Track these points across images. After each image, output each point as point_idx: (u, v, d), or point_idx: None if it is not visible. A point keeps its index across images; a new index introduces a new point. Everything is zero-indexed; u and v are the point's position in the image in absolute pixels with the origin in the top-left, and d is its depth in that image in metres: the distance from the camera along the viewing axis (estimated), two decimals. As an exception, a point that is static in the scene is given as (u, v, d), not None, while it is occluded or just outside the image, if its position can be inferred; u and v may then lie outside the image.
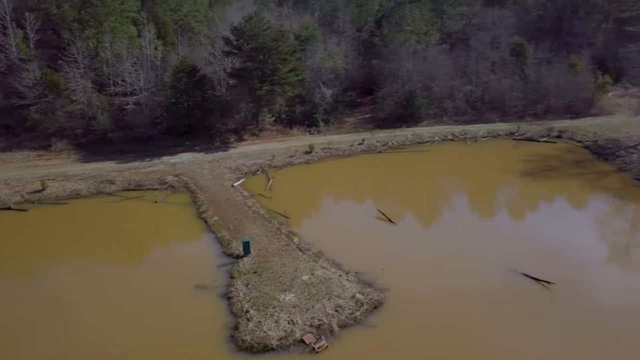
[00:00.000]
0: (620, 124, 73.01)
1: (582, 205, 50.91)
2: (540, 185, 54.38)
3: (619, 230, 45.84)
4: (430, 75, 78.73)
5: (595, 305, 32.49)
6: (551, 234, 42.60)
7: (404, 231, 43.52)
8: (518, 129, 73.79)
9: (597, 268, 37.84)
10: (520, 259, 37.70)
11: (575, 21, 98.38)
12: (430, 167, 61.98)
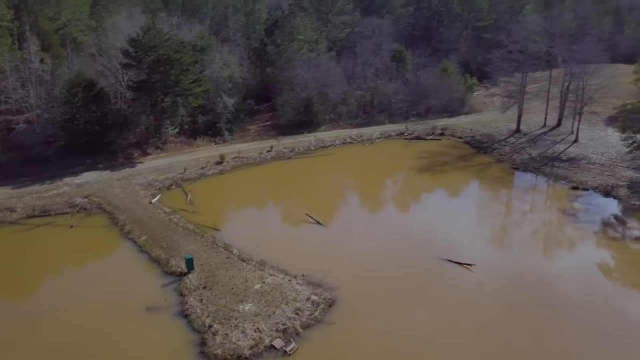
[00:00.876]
0: (489, 120, 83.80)
1: (479, 194, 58.48)
2: (439, 178, 61.02)
3: (516, 212, 53.68)
4: (324, 82, 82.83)
5: (511, 278, 38.33)
6: (460, 221, 48.62)
7: (335, 231, 46.41)
8: (406, 129, 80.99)
9: (506, 248, 44.29)
10: (441, 245, 42.68)
11: (441, 29, 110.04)
12: (340, 168, 65.89)
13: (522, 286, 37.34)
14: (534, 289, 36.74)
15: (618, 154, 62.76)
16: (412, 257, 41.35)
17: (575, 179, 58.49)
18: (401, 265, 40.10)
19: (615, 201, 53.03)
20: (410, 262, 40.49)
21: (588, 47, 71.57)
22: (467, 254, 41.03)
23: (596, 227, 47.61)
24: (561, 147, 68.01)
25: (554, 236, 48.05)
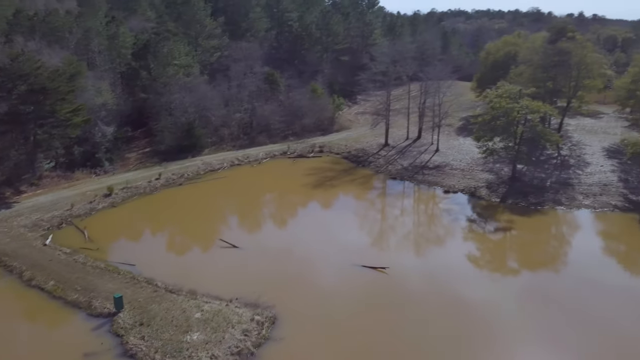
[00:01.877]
0: (359, 136, 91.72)
1: (371, 203, 64.34)
2: (332, 192, 65.83)
3: (408, 216, 60.29)
4: (203, 106, 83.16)
5: (424, 277, 43.90)
6: (364, 228, 53.59)
7: (252, 251, 47.81)
8: (289, 148, 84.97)
9: (409, 249, 50.09)
10: (354, 253, 46.89)
11: (303, 52, 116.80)
12: (237, 190, 67.02)
13: (435, 284, 43.07)
14: (445, 285, 42.72)
15: (473, 160, 73.93)
16: (331, 266, 44.83)
17: (445, 183, 67.70)
18: (324, 274, 43.33)
19: (479, 200, 62.72)
20: (332, 271, 43.92)
21: (439, 68, 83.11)
22: (378, 258, 45.80)
23: (465, 223, 55.99)
24: (426, 156, 77.69)
25: (446, 234, 55.23)
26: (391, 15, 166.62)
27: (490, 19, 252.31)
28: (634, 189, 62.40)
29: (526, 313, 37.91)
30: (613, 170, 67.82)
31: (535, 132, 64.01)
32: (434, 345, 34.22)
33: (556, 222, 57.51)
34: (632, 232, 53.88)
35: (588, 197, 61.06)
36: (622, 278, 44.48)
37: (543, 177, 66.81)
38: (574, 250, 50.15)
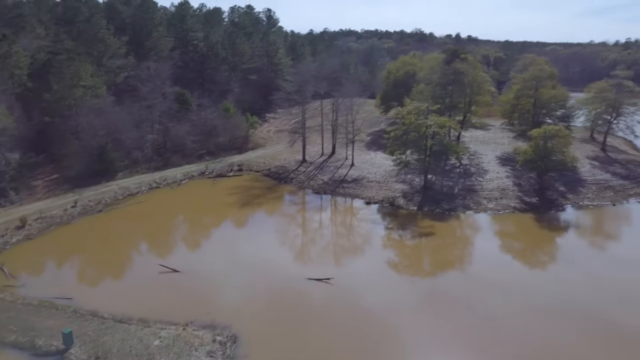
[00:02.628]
0: (276, 154, 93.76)
1: (302, 217, 66.36)
2: (261, 210, 66.97)
3: (339, 228, 63.04)
4: (115, 128, 79.99)
5: (364, 285, 46.79)
6: (300, 241, 55.50)
7: (194, 274, 47.53)
8: (207, 168, 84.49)
9: (342, 260, 52.83)
10: (296, 266, 48.69)
11: (210, 71, 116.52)
12: (163, 213, 65.58)
13: (374, 291, 46.15)
14: (386, 289, 45.98)
15: (386, 172, 79.24)
16: (277, 281, 46.16)
17: (365, 195, 71.93)
18: (272, 289, 44.55)
19: (399, 209, 67.58)
20: (279, 286, 45.24)
21: (349, 86, 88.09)
22: (320, 269, 48.04)
23: (387, 232, 60.33)
24: (343, 171, 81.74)
25: (376, 243, 58.71)
26: (292, 34, 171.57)
27: (380, 39, 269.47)
28: (527, 192, 71.28)
29: (437, 312, 41.84)
30: (508, 176, 76.78)
31: (442, 145, 70.72)
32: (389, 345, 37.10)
33: (467, 225, 63.84)
34: (530, 230, 61.62)
35: (491, 201, 68.68)
36: (519, 274, 49.89)
37: (451, 185, 73.73)
38: (480, 250, 55.46)
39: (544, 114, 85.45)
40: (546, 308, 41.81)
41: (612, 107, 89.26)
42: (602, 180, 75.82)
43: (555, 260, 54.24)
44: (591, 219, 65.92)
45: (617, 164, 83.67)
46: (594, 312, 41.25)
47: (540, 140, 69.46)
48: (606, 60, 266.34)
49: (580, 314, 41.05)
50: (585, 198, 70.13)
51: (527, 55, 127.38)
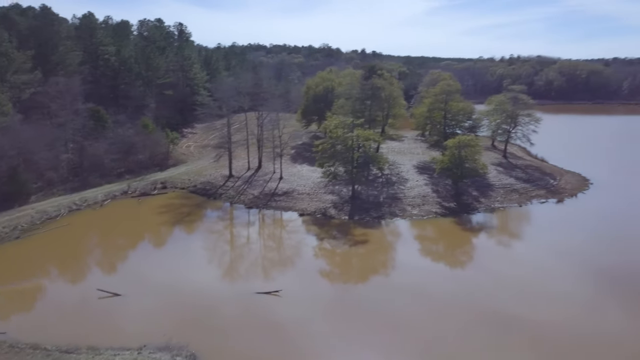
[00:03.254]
0: (200, 169, 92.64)
1: (238, 233, 66.23)
2: (194, 227, 66.15)
3: (276, 241, 63.76)
4: (26, 148, 74.75)
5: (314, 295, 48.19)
6: (241, 257, 55.69)
7: (137, 296, 46.10)
8: (129, 187, 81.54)
9: (287, 271, 53.90)
10: (241, 281, 49.01)
11: (123, 87, 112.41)
12: (90, 236, 62.54)
13: (325, 299, 47.77)
14: (344, 296, 47.76)
15: (315, 184, 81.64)
16: (224, 296, 46.28)
17: (298, 207, 73.59)
18: (221, 305, 44.57)
19: (331, 219, 69.96)
20: (227, 301, 45.36)
21: (274, 101, 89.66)
22: (266, 283, 48.83)
23: (322, 242, 62.40)
24: (273, 184, 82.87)
25: (313, 253, 60.38)
26: (206, 49, 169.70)
27: (289, 54, 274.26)
28: (445, 198, 77.03)
29: (353, 317, 44.47)
30: (426, 183, 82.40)
31: (368, 156, 74.52)
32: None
33: (394, 231, 67.23)
34: (451, 233, 66.60)
35: (415, 207, 73.41)
36: (439, 276, 53.54)
37: (376, 194, 77.67)
38: (405, 254, 58.17)
39: (454, 125, 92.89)
40: (451, 306, 44.76)
41: (510, 118, 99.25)
42: (507, 184, 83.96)
43: (471, 261, 58.31)
44: (502, 220, 72.57)
45: (518, 169, 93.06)
46: (496, 309, 44.11)
47: (455, 149, 75.62)
48: (495, 74, 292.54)
49: (482, 310, 43.85)
50: (496, 201, 77.31)
51: (432, 71, 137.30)
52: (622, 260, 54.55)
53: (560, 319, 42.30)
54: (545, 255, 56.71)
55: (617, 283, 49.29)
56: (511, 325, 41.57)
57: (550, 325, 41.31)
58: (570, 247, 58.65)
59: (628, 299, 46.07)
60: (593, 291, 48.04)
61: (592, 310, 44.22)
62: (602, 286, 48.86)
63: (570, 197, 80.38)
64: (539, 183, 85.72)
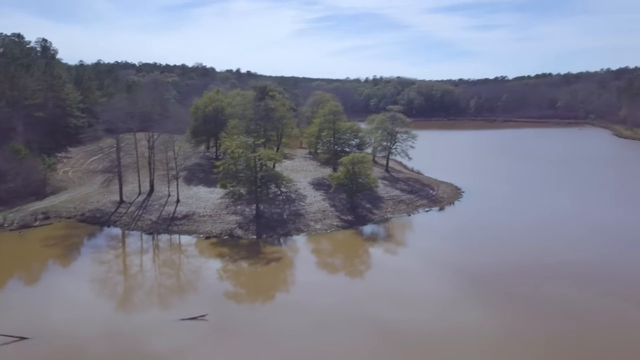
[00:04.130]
0: (85, 196, 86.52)
1: (142, 259, 63.18)
2: (94, 258, 61.82)
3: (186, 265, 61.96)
4: None
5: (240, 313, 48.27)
6: (156, 284, 53.67)
7: (48, 338, 42.36)
8: (4, 219, 73.64)
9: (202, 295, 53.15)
10: (167, 308, 47.56)
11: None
12: None
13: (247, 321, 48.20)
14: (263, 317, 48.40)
15: (215, 205, 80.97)
16: (147, 326, 44.58)
17: (202, 230, 72.53)
18: (147, 337, 42.94)
19: (240, 239, 70.12)
20: (152, 331, 43.81)
21: (165, 122, 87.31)
22: (189, 308, 48.02)
23: (228, 263, 62.73)
24: (170, 208, 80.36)
25: (234, 274, 60.09)
26: (77, 67, 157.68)
27: (162, 72, 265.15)
28: (343, 211, 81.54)
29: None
30: (324, 199, 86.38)
31: (271, 175, 76.34)
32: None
33: (300, 247, 69.08)
34: (349, 244, 70.92)
35: (317, 222, 76.69)
36: (337, 286, 58.01)
37: (279, 212, 79.59)
38: (303, 271, 59.89)
39: (342, 143, 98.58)
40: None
41: (390, 135, 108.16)
42: (394, 196, 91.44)
43: (355, 271, 62.41)
44: (391, 229, 77.63)
45: (401, 181, 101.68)
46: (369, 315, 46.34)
47: (349, 165, 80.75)
48: (362, 94, 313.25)
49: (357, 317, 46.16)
50: (387, 212, 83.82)
51: (317, 92, 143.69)
52: (486, 262, 61.28)
53: (422, 319, 46.09)
54: (420, 260, 62.32)
55: (478, 283, 54.12)
56: (377, 326, 44.44)
57: (415, 324, 44.87)
58: (442, 251, 64.26)
59: (487, 298, 51.22)
60: (456, 291, 52.08)
61: (454, 309, 48.40)
62: (465, 286, 53.18)
63: (449, 204, 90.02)
64: (421, 193, 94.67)
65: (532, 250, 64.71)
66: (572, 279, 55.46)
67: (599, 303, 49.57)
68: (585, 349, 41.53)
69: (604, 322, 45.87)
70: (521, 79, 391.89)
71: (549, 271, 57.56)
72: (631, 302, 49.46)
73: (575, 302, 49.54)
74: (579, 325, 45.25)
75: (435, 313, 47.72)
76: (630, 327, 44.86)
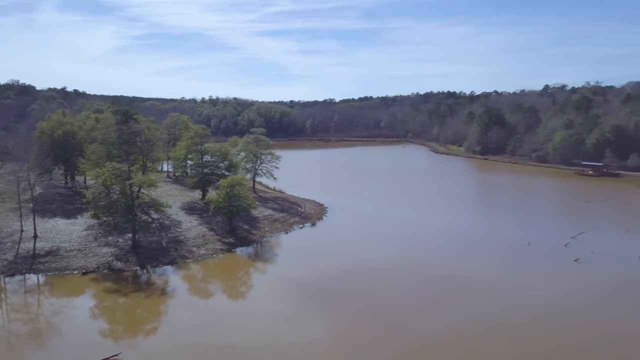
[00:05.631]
0: None
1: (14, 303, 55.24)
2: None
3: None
4: None
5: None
6: (49, 327, 48.01)
7: None
8: None
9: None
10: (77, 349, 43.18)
11: None
12: None
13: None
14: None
15: (80, 237, 74.06)
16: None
17: (76, 266, 66.00)
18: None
19: (122, 272, 65.64)
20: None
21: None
22: (103, 348, 44.50)
23: (122, 298, 59.34)
24: (28, 245, 71.17)
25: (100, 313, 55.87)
26: None
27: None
28: (223, 235, 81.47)
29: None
30: (200, 223, 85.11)
31: (149, 203, 73.10)
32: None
33: (187, 275, 67.28)
34: (238, 266, 71.81)
35: (200, 248, 75.52)
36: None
37: (157, 240, 76.33)
38: (176, 302, 58.22)
39: (210, 166, 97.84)
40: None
41: (255, 157, 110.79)
42: (268, 215, 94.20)
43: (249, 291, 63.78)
44: (267, 249, 79.16)
45: (270, 201, 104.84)
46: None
47: (227, 188, 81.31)
48: (202, 115, 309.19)
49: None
50: (266, 231, 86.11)
51: (172, 114, 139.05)
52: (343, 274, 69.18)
53: (262, 337, 47.92)
54: (275, 277, 65.91)
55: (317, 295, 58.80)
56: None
57: (250, 343, 46.90)
58: (297, 268, 69.00)
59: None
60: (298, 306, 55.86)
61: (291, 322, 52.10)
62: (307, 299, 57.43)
63: (318, 220, 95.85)
64: (291, 211, 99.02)
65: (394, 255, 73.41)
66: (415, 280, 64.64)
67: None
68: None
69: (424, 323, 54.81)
70: (347, 102, 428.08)
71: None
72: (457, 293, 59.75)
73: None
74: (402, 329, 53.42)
75: (272, 327, 49.91)
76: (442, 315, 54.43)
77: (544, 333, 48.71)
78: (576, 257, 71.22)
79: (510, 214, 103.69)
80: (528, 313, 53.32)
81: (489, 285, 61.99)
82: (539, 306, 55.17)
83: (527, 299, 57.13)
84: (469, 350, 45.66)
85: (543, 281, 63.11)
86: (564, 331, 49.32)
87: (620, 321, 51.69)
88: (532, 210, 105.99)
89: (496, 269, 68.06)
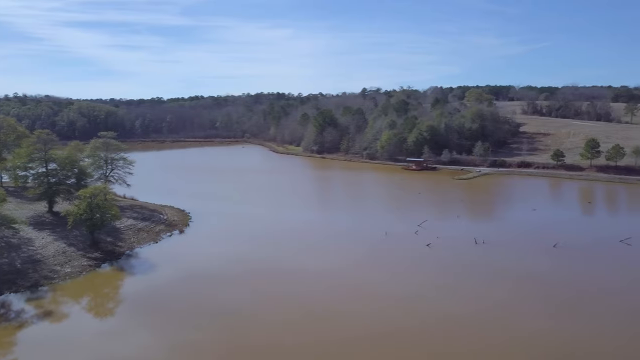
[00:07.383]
0: None
1: None
2: None
3: None
4: None
5: None
6: None
7: None
8: None
9: None
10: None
11: None
12: None
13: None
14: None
15: None
16: None
17: None
18: None
19: None
20: None
21: None
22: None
23: None
24: None
25: None
26: None
27: None
28: (85, 249, 74.75)
29: None
30: (55, 239, 76.68)
31: None
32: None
33: (63, 298, 60.34)
34: (102, 286, 66.47)
35: (64, 266, 68.51)
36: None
37: (8, 262, 66.98)
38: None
39: (58, 174, 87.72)
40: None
41: (106, 162, 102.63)
42: (130, 225, 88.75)
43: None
44: (141, 261, 74.49)
45: (127, 210, 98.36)
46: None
47: (89, 198, 74.90)
48: (10, 114, 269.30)
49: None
50: (133, 243, 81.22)
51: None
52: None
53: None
54: (155, 291, 62.34)
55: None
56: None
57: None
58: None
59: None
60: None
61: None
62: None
63: (185, 226, 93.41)
64: (154, 220, 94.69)
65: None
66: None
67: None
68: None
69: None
70: (177, 101, 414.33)
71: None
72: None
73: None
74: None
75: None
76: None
77: (426, 301, 56.66)
78: (428, 242, 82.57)
79: (357, 208, 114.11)
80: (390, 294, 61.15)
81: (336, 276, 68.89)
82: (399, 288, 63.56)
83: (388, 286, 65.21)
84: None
85: (404, 266, 72.28)
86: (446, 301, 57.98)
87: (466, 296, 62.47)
88: (376, 204, 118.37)
89: (361, 256, 75.60)
